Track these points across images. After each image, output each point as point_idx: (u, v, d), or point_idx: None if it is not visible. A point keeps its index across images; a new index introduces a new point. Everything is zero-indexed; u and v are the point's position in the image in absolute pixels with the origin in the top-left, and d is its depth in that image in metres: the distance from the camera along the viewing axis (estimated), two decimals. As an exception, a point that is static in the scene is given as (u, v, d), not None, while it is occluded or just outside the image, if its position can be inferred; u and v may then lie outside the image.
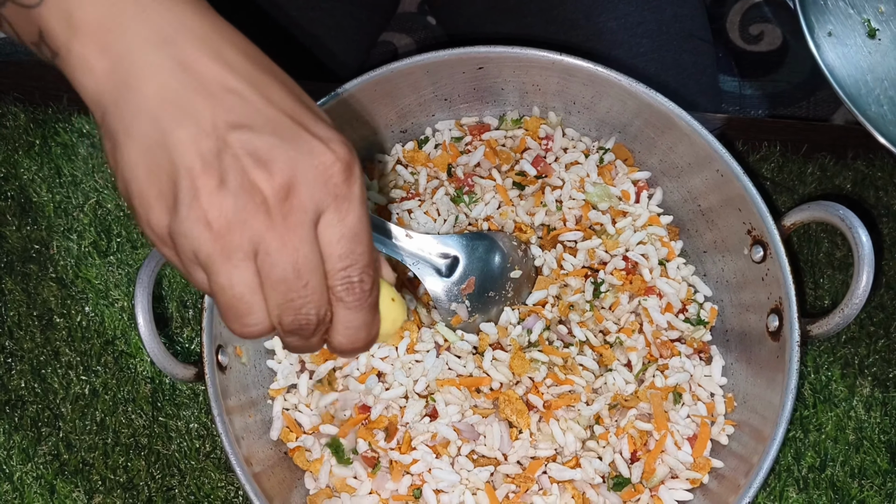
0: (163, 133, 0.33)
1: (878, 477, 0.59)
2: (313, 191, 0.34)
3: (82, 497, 0.57)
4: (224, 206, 0.33)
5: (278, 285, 0.34)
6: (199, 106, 0.33)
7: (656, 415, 0.54)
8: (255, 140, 0.33)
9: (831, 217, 0.51)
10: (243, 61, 0.35)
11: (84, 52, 0.34)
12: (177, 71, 0.34)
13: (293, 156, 0.34)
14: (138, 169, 0.34)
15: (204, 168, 0.33)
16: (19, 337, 0.60)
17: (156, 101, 0.33)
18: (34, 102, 0.66)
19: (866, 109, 0.55)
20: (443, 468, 0.52)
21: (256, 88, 0.34)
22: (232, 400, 0.53)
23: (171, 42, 0.34)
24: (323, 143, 0.34)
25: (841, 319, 0.50)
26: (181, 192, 0.33)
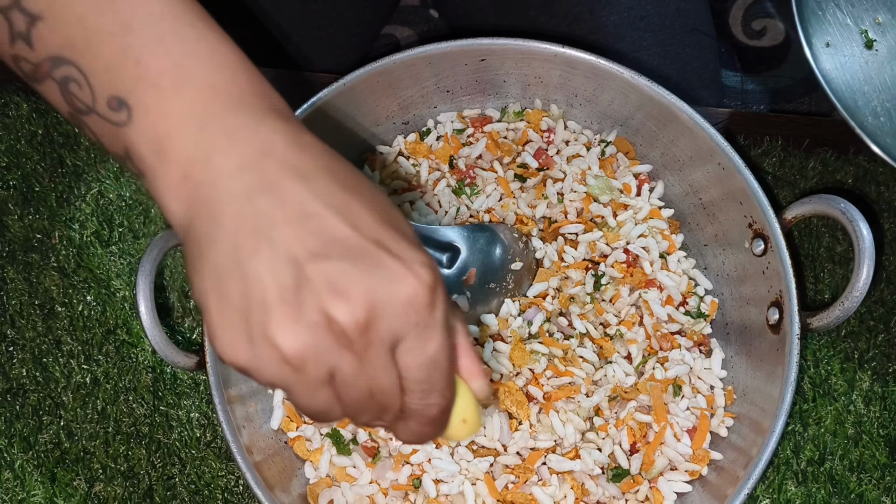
0: (238, 261, 0.32)
1: (877, 471, 0.59)
2: (394, 321, 0.33)
3: (83, 485, 0.57)
4: (299, 342, 0.32)
5: (353, 404, 0.34)
6: (277, 233, 0.32)
7: (656, 407, 0.54)
8: (333, 270, 0.32)
9: (832, 210, 0.51)
10: (328, 182, 0.33)
11: (169, 179, 0.34)
12: (257, 197, 0.33)
13: (374, 285, 0.32)
14: (210, 297, 0.33)
15: (279, 301, 0.32)
16: (21, 326, 0.60)
17: (233, 230, 0.32)
18: (36, 92, 0.66)
19: (863, 121, 0.55)
20: (442, 458, 0.52)
21: (338, 212, 0.33)
22: (233, 389, 0.53)
23: (254, 168, 0.33)
24: (406, 267, 0.33)
25: (841, 312, 0.50)
26: (254, 325, 0.32)
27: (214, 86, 0.34)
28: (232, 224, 0.33)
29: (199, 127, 0.33)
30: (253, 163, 0.33)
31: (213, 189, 0.33)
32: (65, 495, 0.57)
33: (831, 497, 0.58)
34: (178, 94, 0.34)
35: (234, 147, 0.33)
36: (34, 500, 0.56)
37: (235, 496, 0.57)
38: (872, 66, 0.57)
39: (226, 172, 0.33)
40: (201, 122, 0.34)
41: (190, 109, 0.34)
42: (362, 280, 0.32)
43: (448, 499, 0.52)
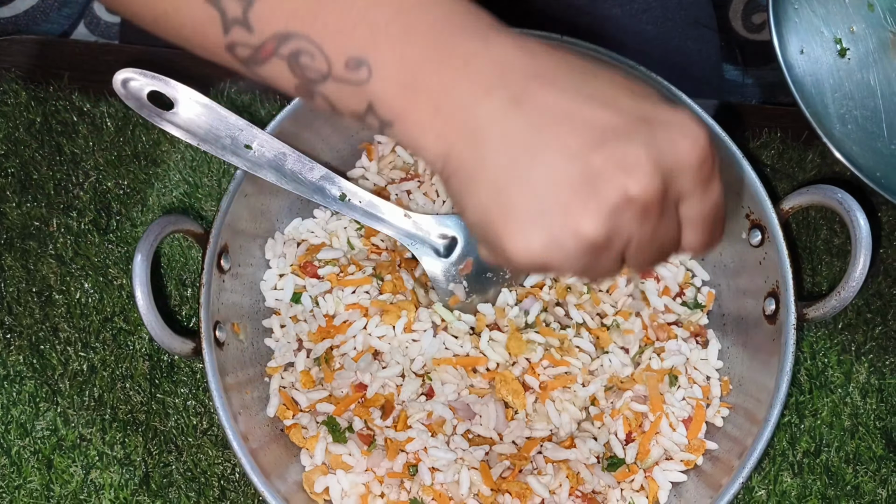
0: (518, 173, 0.33)
1: (873, 463, 0.59)
2: (684, 181, 0.34)
3: (79, 472, 0.57)
4: (604, 226, 0.33)
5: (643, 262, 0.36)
6: (548, 137, 0.33)
7: (652, 397, 0.54)
8: (616, 152, 0.33)
9: (829, 200, 0.51)
10: (571, 78, 0.34)
11: (421, 117, 0.34)
12: (513, 111, 0.33)
13: (658, 155, 0.33)
14: (495, 212, 0.34)
15: (574, 194, 0.33)
16: (18, 313, 0.60)
17: (503, 147, 0.34)
18: (35, 80, 0.67)
19: (831, 127, 0.56)
20: (438, 446, 0.52)
21: (595, 102, 0.34)
22: (230, 377, 0.53)
23: (501, 85, 0.34)
24: (678, 130, 0.34)
25: (837, 303, 0.50)
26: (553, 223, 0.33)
27: (436, 22, 0.35)
28: (500, 142, 0.34)
29: (438, 62, 0.34)
30: (498, 81, 0.34)
31: (468, 114, 0.34)
32: (61, 482, 0.57)
33: (827, 488, 0.58)
34: (409, 38, 0.34)
35: (475, 72, 0.34)
36: (30, 486, 0.57)
37: (232, 483, 0.57)
38: (843, 74, 0.58)
39: (476, 96, 0.34)
40: (438, 57, 0.34)
41: (424, 49, 0.34)
42: (646, 152, 0.33)
43: (443, 487, 0.52)
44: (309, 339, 0.56)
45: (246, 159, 0.53)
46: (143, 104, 0.50)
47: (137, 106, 0.50)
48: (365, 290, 0.56)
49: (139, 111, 0.50)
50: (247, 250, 0.57)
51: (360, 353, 0.54)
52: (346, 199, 0.55)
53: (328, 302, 0.56)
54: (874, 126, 0.58)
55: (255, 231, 0.58)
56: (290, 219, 0.60)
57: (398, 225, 0.55)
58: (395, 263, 0.57)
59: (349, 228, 0.59)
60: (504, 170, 0.34)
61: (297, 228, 0.59)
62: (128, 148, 0.65)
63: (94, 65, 0.68)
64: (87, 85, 0.66)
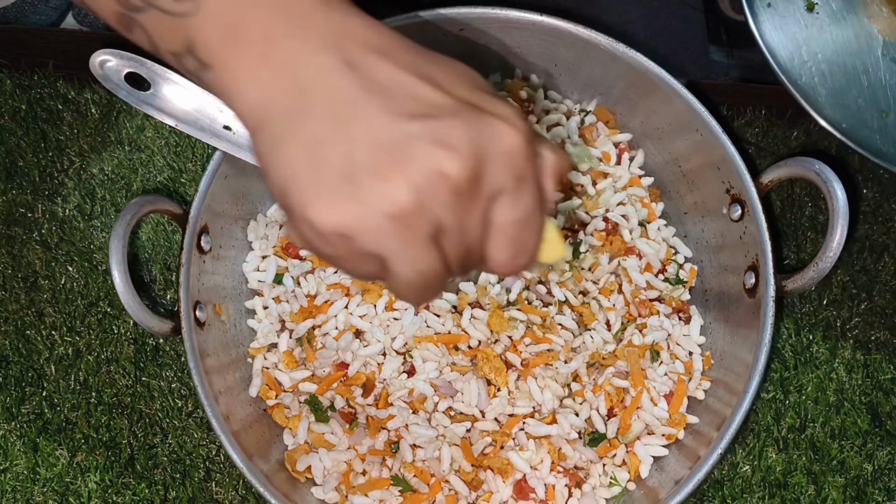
0: (338, 128, 0.32)
1: (859, 438, 0.59)
2: (499, 172, 0.33)
3: (65, 455, 0.57)
4: (412, 194, 0.32)
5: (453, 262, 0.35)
6: (375, 101, 0.32)
7: (633, 372, 0.54)
8: (438, 126, 0.32)
9: (807, 172, 0.51)
10: (410, 56, 0.34)
11: (244, 62, 0.33)
12: (346, 71, 0.33)
13: (478, 138, 0.33)
14: (303, 168, 0.33)
15: (390, 157, 0.32)
16: (4, 298, 0.61)
17: (328, 100, 0.33)
18: (20, 69, 0.67)
19: (797, 80, 0.56)
20: (419, 423, 0.52)
21: (428, 80, 0.33)
22: (212, 358, 0.53)
23: (336, 46, 0.33)
24: (504, 122, 0.33)
25: (816, 273, 0.50)
26: (362, 185, 0.32)
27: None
28: (326, 95, 0.33)
29: (274, 10, 0.33)
30: (335, 42, 0.33)
31: (298, 66, 0.33)
32: (47, 465, 0.57)
33: (812, 464, 0.58)
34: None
35: (312, 28, 0.33)
36: (17, 469, 0.57)
37: (217, 465, 0.57)
38: (812, 30, 0.58)
39: (309, 50, 0.33)
40: (274, 5, 0.33)
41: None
42: (467, 134, 0.33)
43: (425, 463, 0.52)
44: (291, 319, 0.56)
45: (226, 140, 0.53)
46: (121, 86, 0.50)
47: (114, 87, 0.50)
48: (346, 270, 0.56)
49: (116, 92, 0.50)
50: (228, 232, 0.57)
51: (341, 333, 0.54)
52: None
53: (310, 282, 0.56)
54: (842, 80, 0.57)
55: (236, 213, 0.58)
56: (272, 202, 0.60)
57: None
58: (376, 244, 0.57)
59: (332, 210, 0.59)
60: (323, 124, 0.32)
61: (279, 211, 0.60)
62: (112, 134, 0.65)
63: (79, 53, 0.68)
64: (72, 73, 0.67)
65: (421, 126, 0.32)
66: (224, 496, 0.56)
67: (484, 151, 0.33)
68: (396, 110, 0.32)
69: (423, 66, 0.34)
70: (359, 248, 0.33)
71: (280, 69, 0.33)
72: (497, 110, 0.34)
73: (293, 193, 0.33)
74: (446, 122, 0.32)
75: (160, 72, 0.50)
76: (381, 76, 0.33)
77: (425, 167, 0.32)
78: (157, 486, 0.57)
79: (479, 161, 0.33)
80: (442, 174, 0.32)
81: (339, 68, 0.33)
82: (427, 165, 0.32)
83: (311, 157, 0.33)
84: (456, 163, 0.32)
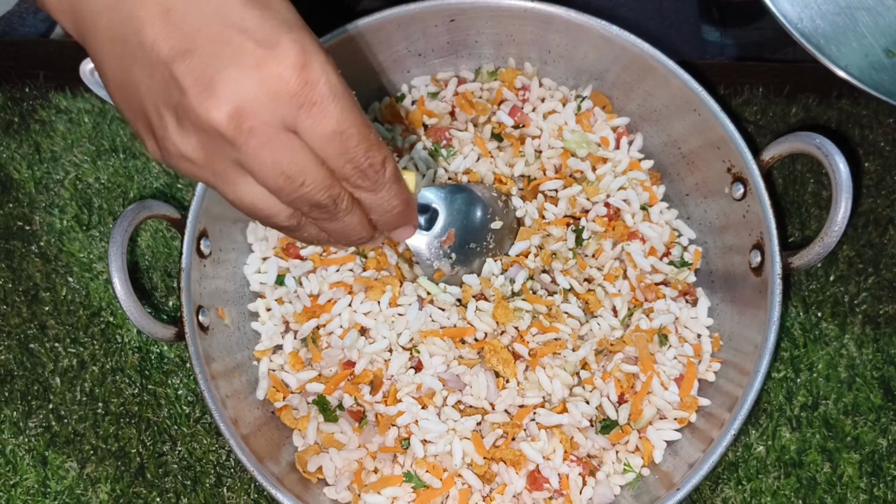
0: (124, 71, 0.33)
1: (872, 413, 0.58)
2: (268, 107, 0.32)
3: (75, 466, 0.57)
4: (191, 143, 0.33)
5: (279, 191, 0.34)
6: (143, 36, 0.32)
7: (642, 357, 0.54)
8: (197, 66, 0.32)
9: (808, 147, 0.50)
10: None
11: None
12: (119, 3, 0.33)
13: (237, 76, 0.32)
14: (122, 105, 0.34)
15: (164, 106, 0.33)
16: (5, 312, 0.60)
17: (108, 41, 0.33)
18: (10, 81, 0.66)
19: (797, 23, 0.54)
20: (429, 419, 0.52)
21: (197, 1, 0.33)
22: (217, 363, 0.53)
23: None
24: (269, 50, 0.32)
25: (822, 248, 0.49)
26: (155, 129, 0.33)
27: None
28: (106, 35, 0.33)
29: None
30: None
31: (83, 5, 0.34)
32: (57, 477, 0.57)
33: (826, 441, 0.57)
34: None
35: None
36: (27, 483, 0.56)
37: (227, 469, 0.57)
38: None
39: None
40: None
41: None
42: (225, 73, 0.32)
43: (436, 458, 0.52)
44: (295, 320, 0.56)
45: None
46: (112, 92, 0.49)
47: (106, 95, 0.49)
48: (349, 267, 0.56)
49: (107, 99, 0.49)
50: (228, 235, 0.57)
51: (346, 331, 0.54)
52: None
53: (312, 282, 0.56)
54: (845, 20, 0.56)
55: (235, 215, 0.57)
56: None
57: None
58: (377, 240, 0.57)
59: (331, 209, 0.59)
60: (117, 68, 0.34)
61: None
62: (106, 143, 0.64)
63: (69, 63, 0.68)
64: (63, 83, 0.66)
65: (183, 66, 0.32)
66: (236, 501, 0.56)
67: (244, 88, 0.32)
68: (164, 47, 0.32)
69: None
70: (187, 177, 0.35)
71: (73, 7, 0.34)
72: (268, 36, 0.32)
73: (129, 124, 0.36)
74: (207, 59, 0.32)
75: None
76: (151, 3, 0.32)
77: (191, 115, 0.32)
78: (169, 493, 0.56)
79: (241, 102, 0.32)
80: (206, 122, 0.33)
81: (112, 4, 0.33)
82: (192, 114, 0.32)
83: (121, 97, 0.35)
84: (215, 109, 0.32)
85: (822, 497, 0.56)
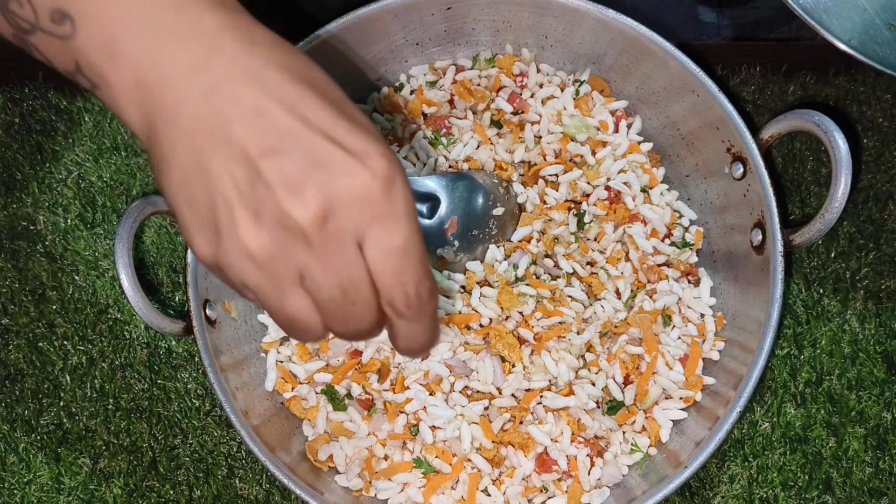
0: (199, 163, 0.33)
1: (876, 387, 0.59)
2: (350, 213, 0.33)
3: (87, 463, 0.57)
4: (262, 240, 0.32)
5: (327, 305, 0.34)
6: (232, 131, 0.32)
7: (646, 338, 0.54)
8: (286, 166, 0.32)
9: (807, 124, 0.51)
10: (279, 77, 0.33)
11: (123, 85, 0.34)
12: (209, 97, 0.33)
13: (326, 179, 0.32)
14: (179, 199, 0.33)
15: (239, 200, 0.32)
16: (13, 312, 0.61)
17: (191, 131, 0.33)
18: (10, 82, 0.67)
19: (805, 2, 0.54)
20: (437, 405, 0.52)
21: (290, 107, 0.33)
22: (226, 356, 0.53)
23: (205, 68, 0.33)
24: (358, 160, 0.33)
25: (822, 225, 0.50)
26: (221, 224, 0.33)
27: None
28: (189, 125, 0.33)
29: (144, 27, 0.33)
30: (202, 62, 0.33)
31: (166, 92, 0.33)
32: (70, 473, 0.57)
33: (831, 416, 0.58)
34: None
35: (181, 47, 0.33)
36: (41, 480, 0.57)
37: (238, 461, 0.57)
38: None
39: (176, 74, 0.33)
40: (144, 22, 0.33)
41: (130, 10, 0.33)
42: (316, 175, 0.32)
43: (445, 444, 0.52)
44: (301, 311, 0.56)
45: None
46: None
47: None
48: (353, 258, 0.56)
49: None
50: (232, 229, 0.57)
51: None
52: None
53: (317, 273, 0.56)
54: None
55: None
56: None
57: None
58: (380, 230, 0.57)
59: (333, 200, 0.59)
60: (189, 157, 0.33)
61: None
62: (107, 141, 0.65)
63: (67, 62, 0.68)
64: (62, 82, 0.66)
65: (270, 164, 0.32)
66: (248, 491, 0.57)
67: (332, 192, 0.32)
68: (250, 144, 0.32)
69: (289, 90, 0.33)
70: (232, 282, 0.34)
71: (152, 94, 0.33)
72: (357, 146, 0.33)
73: (179, 221, 0.34)
74: (297, 160, 0.32)
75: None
76: (242, 102, 0.33)
77: (273, 211, 0.32)
78: (182, 486, 0.57)
79: (327, 202, 0.32)
80: (289, 216, 0.32)
81: (201, 94, 0.33)
82: (275, 210, 0.32)
83: (184, 191, 0.33)
84: (300, 206, 0.32)
85: (828, 471, 0.57)
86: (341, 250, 0.33)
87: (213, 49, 0.33)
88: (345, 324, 0.35)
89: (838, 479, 0.57)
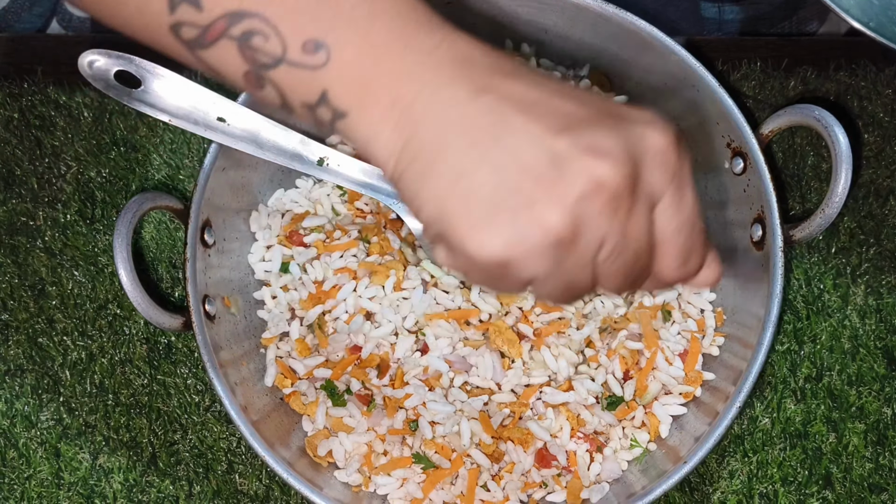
0: (481, 157, 0.32)
1: (876, 382, 0.59)
2: (654, 177, 0.32)
3: (87, 458, 0.58)
4: (571, 214, 0.31)
5: (616, 273, 0.34)
6: (513, 120, 0.32)
7: (646, 333, 0.54)
8: (584, 137, 0.31)
9: (807, 119, 0.50)
10: (533, 76, 0.34)
11: (378, 108, 0.33)
12: (477, 96, 0.32)
13: (628, 144, 0.32)
14: (453, 201, 0.32)
15: (539, 180, 0.31)
16: (13, 308, 0.61)
17: (465, 130, 0.32)
18: (9, 77, 0.67)
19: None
20: (437, 400, 0.52)
21: (560, 94, 0.33)
22: (225, 352, 0.53)
23: (464, 76, 0.33)
24: (650, 126, 0.33)
25: (823, 220, 0.50)
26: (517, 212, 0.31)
27: (401, 11, 0.34)
28: (462, 125, 0.32)
29: (402, 51, 0.33)
30: (461, 72, 0.33)
31: (430, 103, 0.33)
32: (70, 469, 0.57)
33: (831, 411, 0.58)
34: (373, 23, 0.33)
35: (438, 63, 0.33)
36: (41, 475, 0.57)
37: (238, 456, 0.57)
38: None
39: (438, 85, 0.33)
40: (402, 46, 0.33)
41: (388, 35, 0.33)
42: (617, 138, 0.32)
43: (445, 439, 0.52)
44: (301, 306, 0.56)
45: (220, 132, 0.52)
46: (111, 84, 0.49)
47: (105, 87, 0.49)
48: (352, 253, 0.56)
49: (107, 91, 0.49)
50: (231, 224, 0.57)
51: (351, 316, 0.55)
52: (324, 164, 0.55)
53: (316, 268, 0.56)
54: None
55: (237, 205, 0.58)
56: (271, 191, 0.60)
57: (380, 186, 0.55)
58: (380, 225, 0.57)
59: (332, 195, 0.59)
60: (465, 153, 0.32)
61: (280, 199, 0.59)
62: (106, 136, 0.65)
63: (66, 57, 0.68)
64: (61, 77, 0.66)
65: (565, 139, 0.32)
66: (248, 486, 0.57)
67: (637, 154, 0.32)
68: (535, 129, 0.32)
69: (549, 83, 0.34)
70: (517, 275, 0.33)
71: (411, 109, 0.33)
72: (638, 116, 0.33)
73: (447, 231, 0.33)
74: (592, 131, 0.32)
75: (150, 68, 0.50)
76: (513, 96, 0.33)
77: (579, 181, 0.31)
78: (181, 481, 0.57)
79: (634, 164, 0.32)
80: (599, 183, 0.31)
81: (469, 96, 0.33)
82: (580, 179, 0.31)
83: (458, 189, 0.32)
84: (611, 168, 0.31)
85: (828, 467, 0.57)
86: (643, 216, 0.33)
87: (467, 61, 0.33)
88: (620, 286, 0.34)
89: (838, 474, 0.57)
